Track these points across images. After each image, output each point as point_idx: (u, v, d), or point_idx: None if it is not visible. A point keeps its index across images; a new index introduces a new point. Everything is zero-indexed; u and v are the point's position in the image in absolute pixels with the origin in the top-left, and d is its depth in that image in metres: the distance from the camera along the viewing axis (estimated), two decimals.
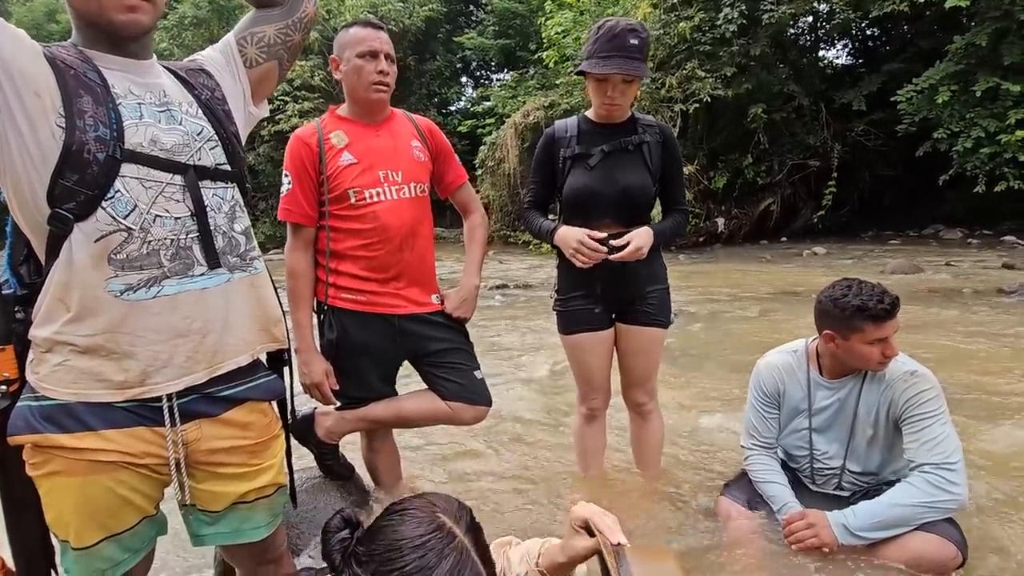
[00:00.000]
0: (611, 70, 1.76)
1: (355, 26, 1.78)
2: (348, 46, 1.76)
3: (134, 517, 1.10)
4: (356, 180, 1.75)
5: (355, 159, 1.76)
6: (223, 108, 1.19)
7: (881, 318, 1.61)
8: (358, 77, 1.75)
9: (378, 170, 1.78)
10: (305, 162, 1.75)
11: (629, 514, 2.04)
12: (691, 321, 5.31)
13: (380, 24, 1.81)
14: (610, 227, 1.89)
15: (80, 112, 0.98)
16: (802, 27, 12.81)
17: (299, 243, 1.80)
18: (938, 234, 11.27)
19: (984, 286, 6.29)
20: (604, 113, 1.89)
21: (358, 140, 1.79)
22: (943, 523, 1.61)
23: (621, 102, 1.84)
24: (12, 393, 1.05)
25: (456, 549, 0.86)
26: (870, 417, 1.74)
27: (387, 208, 1.78)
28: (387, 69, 1.76)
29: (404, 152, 1.83)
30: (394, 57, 1.80)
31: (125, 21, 1.01)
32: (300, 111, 14.63)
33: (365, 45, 1.73)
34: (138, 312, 1.03)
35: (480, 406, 1.93)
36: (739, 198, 11.82)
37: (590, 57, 1.80)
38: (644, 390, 2.10)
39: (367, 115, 1.82)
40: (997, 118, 9.12)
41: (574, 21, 11.79)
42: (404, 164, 1.82)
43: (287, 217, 1.79)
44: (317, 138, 1.77)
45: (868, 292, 1.64)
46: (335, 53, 1.81)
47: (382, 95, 1.78)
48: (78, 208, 0.98)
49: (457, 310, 1.92)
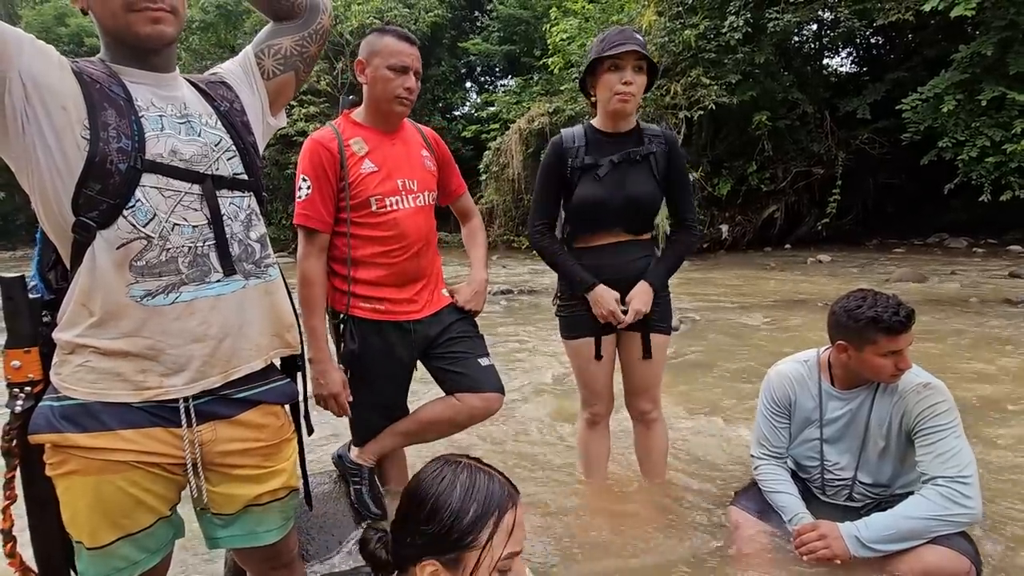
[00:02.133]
0: (625, 49, 1.79)
1: (390, 36, 1.76)
2: (380, 54, 1.74)
3: (149, 518, 1.11)
4: (378, 187, 1.76)
5: (376, 167, 1.77)
6: (242, 119, 1.22)
7: (896, 330, 1.60)
8: (384, 88, 1.75)
9: (396, 179, 1.79)
10: (326, 167, 1.73)
11: (635, 522, 2.03)
12: (695, 329, 5.31)
13: (415, 39, 1.81)
14: (619, 235, 1.95)
15: (104, 124, 1.01)
16: (806, 35, 12.83)
17: (313, 249, 1.78)
18: (943, 243, 11.24)
19: (991, 295, 6.27)
20: (618, 107, 1.85)
21: (377, 148, 1.80)
22: (957, 537, 1.60)
23: (635, 91, 1.83)
24: (36, 394, 1.08)
25: (466, 465, 1.01)
26: (882, 429, 1.74)
27: (405, 216, 1.79)
28: (414, 86, 1.77)
29: (417, 161, 1.85)
30: (421, 74, 1.81)
31: (151, 33, 1.05)
32: (306, 115, 14.72)
33: (398, 59, 1.73)
34: (157, 317, 1.05)
35: (486, 392, 1.87)
36: (743, 205, 11.83)
37: (596, 54, 1.83)
38: (648, 397, 2.09)
39: (385, 124, 1.83)
40: (1003, 127, 9.10)
41: (579, 28, 11.85)
42: (418, 173, 1.84)
43: (305, 222, 1.75)
44: (337, 143, 1.75)
45: (883, 304, 1.63)
46: (362, 56, 1.79)
47: (405, 109, 1.80)
48: (101, 216, 1.01)
49: (469, 303, 1.96)
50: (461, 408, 1.88)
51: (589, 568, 1.80)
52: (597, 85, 1.89)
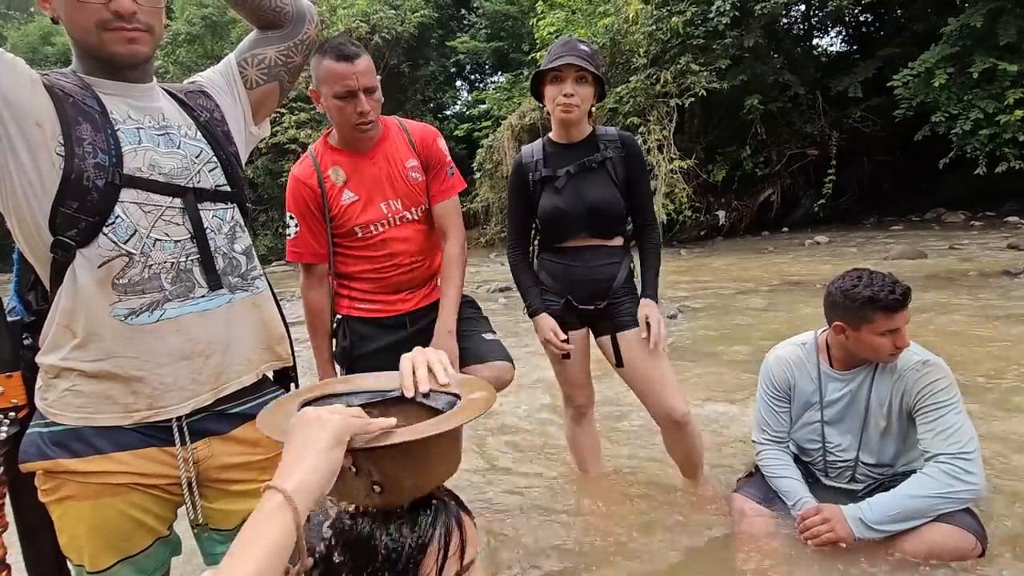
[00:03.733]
0: (563, 62, 1.82)
1: (328, 57, 1.59)
2: (323, 82, 1.62)
3: (147, 539, 1.10)
4: (360, 216, 1.74)
5: (356, 196, 1.73)
6: (222, 129, 1.19)
7: (892, 309, 1.59)
8: (339, 117, 1.65)
9: (379, 203, 1.75)
10: (309, 204, 1.73)
11: (637, 512, 2.03)
12: (695, 316, 5.30)
13: (354, 52, 1.60)
14: (587, 240, 1.98)
15: (79, 140, 0.98)
16: (795, 16, 12.78)
17: (313, 280, 1.80)
18: (940, 218, 11.21)
19: (990, 268, 6.25)
20: (563, 116, 1.88)
21: (354, 173, 1.74)
22: (961, 513, 1.59)
23: (577, 101, 1.85)
24: (21, 419, 1.06)
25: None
26: (883, 408, 1.73)
27: (394, 235, 1.78)
28: (366, 108, 1.61)
29: (400, 177, 1.77)
30: (375, 86, 1.63)
31: (125, 53, 1.03)
32: (297, 122, 14.72)
33: (340, 85, 1.59)
34: (142, 336, 1.03)
35: (495, 362, 1.81)
36: (738, 190, 11.80)
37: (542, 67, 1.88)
38: (671, 395, 1.94)
39: (358, 146, 1.75)
40: (995, 99, 9.07)
41: (566, 20, 11.80)
42: (402, 190, 1.77)
43: (297, 259, 1.78)
44: (317, 178, 1.72)
45: (879, 282, 1.62)
46: (313, 83, 1.67)
47: (367, 132, 1.68)
48: (80, 235, 0.99)
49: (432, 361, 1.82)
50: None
51: (591, 560, 1.79)
52: (544, 98, 1.93)
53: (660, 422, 2.01)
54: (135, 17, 1.00)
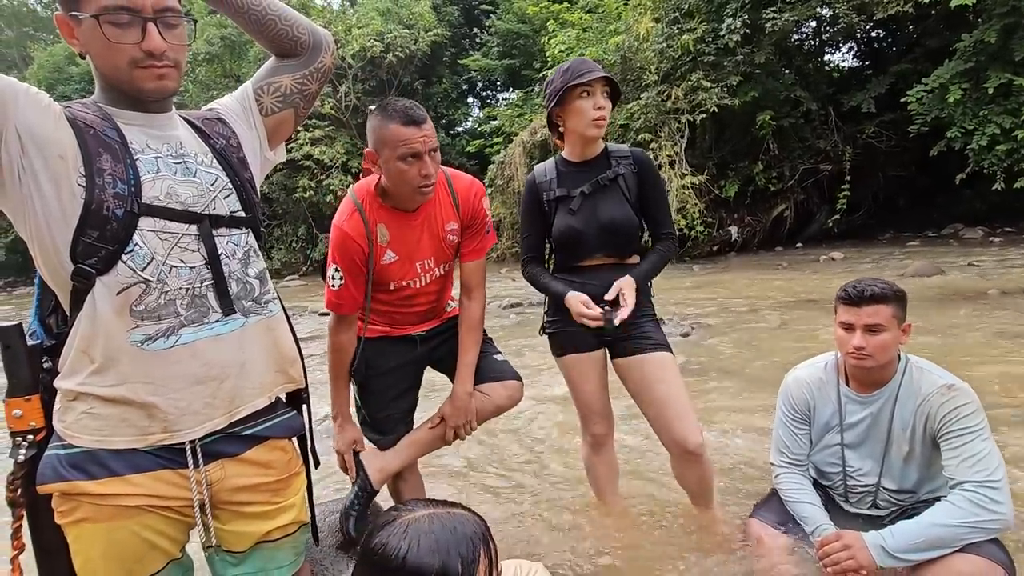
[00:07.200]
0: (595, 76, 1.82)
1: (395, 121, 1.56)
2: (387, 144, 1.58)
3: (160, 561, 1.11)
4: (397, 274, 1.78)
5: (396, 256, 1.76)
6: (238, 155, 1.22)
7: (845, 301, 1.65)
8: (401, 179, 1.62)
9: (416, 262, 1.79)
10: (356, 260, 1.72)
11: (651, 539, 1.99)
12: (709, 334, 5.24)
13: (421, 116, 1.59)
14: (602, 260, 1.96)
15: (99, 171, 1.01)
16: (806, 32, 12.79)
17: (344, 326, 1.82)
18: (958, 233, 11.06)
19: (1012, 286, 6.14)
20: (595, 132, 1.88)
21: (398, 233, 1.75)
22: (988, 544, 1.54)
23: (606, 115, 1.87)
24: (39, 442, 1.08)
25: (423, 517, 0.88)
26: (905, 432, 1.69)
27: (420, 288, 1.84)
28: (431, 171, 1.60)
29: (438, 239, 1.80)
30: (437, 146, 1.63)
31: (154, 88, 1.06)
32: (311, 139, 14.98)
33: (407, 147, 1.56)
34: (158, 362, 1.05)
35: (508, 380, 1.90)
36: (751, 206, 11.75)
37: (566, 84, 1.84)
38: (687, 424, 1.88)
39: (408, 205, 1.73)
40: (1012, 114, 8.99)
41: (577, 39, 11.93)
42: (436, 251, 1.80)
43: (337, 311, 1.78)
44: (366, 235, 1.71)
45: (867, 281, 1.67)
46: (371, 145, 1.64)
47: (427, 194, 1.67)
48: (99, 263, 1.01)
49: (451, 418, 1.84)
50: (486, 400, 1.88)
51: None
52: (567, 114, 1.90)
53: (671, 450, 1.95)
54: (165, 55, 1.04)
